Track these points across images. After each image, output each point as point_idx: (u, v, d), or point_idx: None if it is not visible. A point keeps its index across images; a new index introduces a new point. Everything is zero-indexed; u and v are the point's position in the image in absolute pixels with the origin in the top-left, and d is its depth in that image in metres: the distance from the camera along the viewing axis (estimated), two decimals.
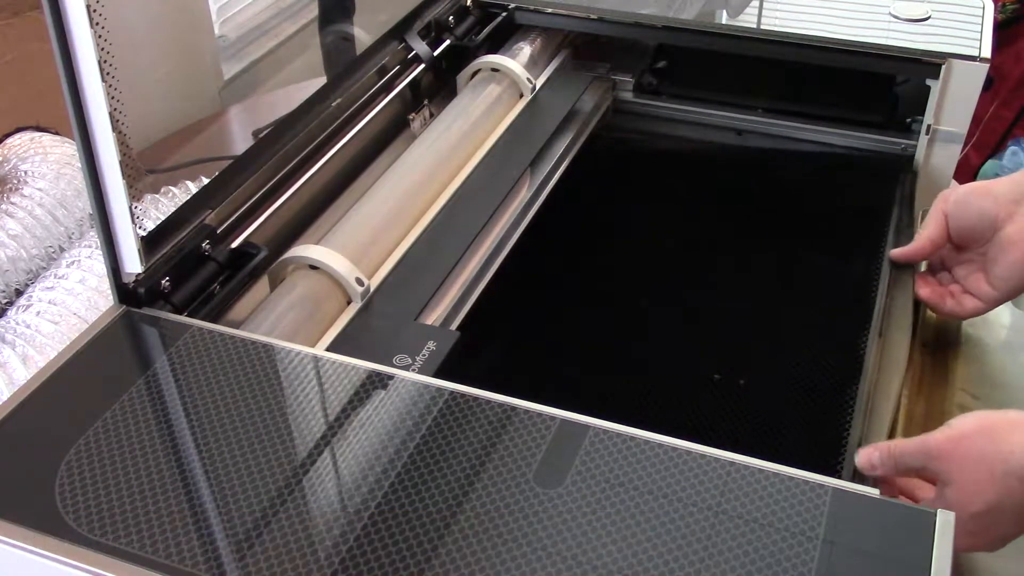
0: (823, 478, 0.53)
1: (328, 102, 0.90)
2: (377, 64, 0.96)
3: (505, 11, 1.08)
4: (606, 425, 0.57)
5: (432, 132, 0.93)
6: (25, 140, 1.07)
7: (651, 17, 1.04)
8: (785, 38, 0.98)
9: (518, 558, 0.50)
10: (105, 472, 0.55)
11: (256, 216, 0.79)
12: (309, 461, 0.56)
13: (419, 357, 0.69)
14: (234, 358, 0.62)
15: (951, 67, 0.93)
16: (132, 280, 0.67)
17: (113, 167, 0.62)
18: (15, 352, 0.82)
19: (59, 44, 0.59)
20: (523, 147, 0.96)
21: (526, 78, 1.02)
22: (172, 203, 0.89)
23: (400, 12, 1.01)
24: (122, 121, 0.62)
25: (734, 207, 1.01)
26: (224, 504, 0.53)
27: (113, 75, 0.60)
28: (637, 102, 1.12)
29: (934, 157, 0.98)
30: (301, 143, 0.86)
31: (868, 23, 1.00)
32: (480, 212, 0.87)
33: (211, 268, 0.72)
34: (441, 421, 0.58)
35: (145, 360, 0.64)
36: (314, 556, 0.50)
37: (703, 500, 0.52)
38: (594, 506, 0.52)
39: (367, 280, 0.77)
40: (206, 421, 0.58)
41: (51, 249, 0.98)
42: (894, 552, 0.49)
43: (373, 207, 0.83)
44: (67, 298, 0.87)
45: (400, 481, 0.54)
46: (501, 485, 0.54)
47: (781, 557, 0.49)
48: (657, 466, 0.54)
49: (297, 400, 0.60)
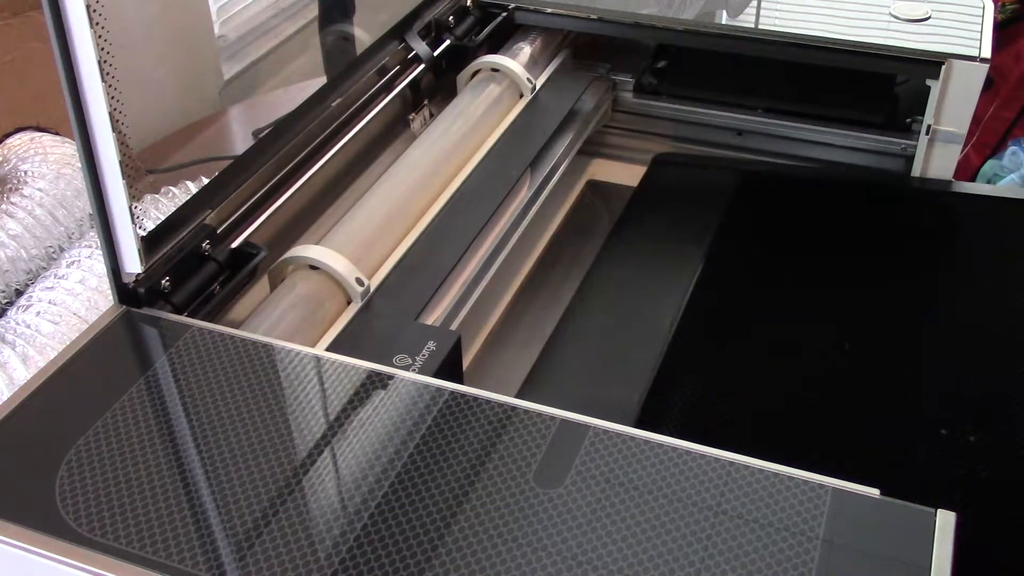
0: (823, 478, 0.53)
1: (328, 102, 0.89)
2: (377, 64, 0.96)
3: (505, 11, 1.08)
4: (606, 425, 0.57)
5: (432, 132, 0.93)
6: (25, 140, 1.07)
7: (651, 17, 1.04)
8: (785, 38, 0.98)
9: (518, 558, 0.50)
10: (105, 472, 0.55)
11: (256, 216, 0.79)
12: (309, 461, 0.56)
13: (419, 357, 0.68)
14: (234, 358, 0.62)
15: (951, 67, 0.93)
16: (132, 280, 0.67)
17: (113, 167, 0.62)
18: (15, 352, 0.82)
19: (59, 44, 0.59)
20: (523, 147, 0.96)
21: (526, 78, 1.02)
22: (172, 203, 0.89)
23: (400, 12, 1.01)
24: (122, 121, 0.62)
25: None
26: (224, 504, 0.53)
27: (113, 75, 0.60)
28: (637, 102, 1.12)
29: (934, 157, 0.98)
30: (301, 143, 0.86)
31: (868, 23, 1.00)
32: (480, 212, 0.87)
33: (211, 268, 0.72)
34: (441, 421, 0.58)
35: (145, 360, 0.64)
36: (314, 556, 0.50)
37: (703, 500, 0.52)
38: (594, 506, 0.52)
39: (367, 280, 0.76)
40: (206, 421, 0.58)
41: (51, 249, 0.98)
42: (894, 552, 0.49)
43: (373, 207, 0.83)
44: (67, 298, 0.87)
45: (400, 481, 0.54)
46: (501, 485, 0.54)
47: (781, 557, 0.49)
48: (657, 466, 0.54)
49: (297, 400, 0.60)
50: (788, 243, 0.95)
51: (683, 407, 0.76)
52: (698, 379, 0.79)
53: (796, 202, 1.01)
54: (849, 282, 0.89)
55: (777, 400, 0.78)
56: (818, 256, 0.93)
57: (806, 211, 0.99)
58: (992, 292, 0.88)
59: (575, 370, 0.81)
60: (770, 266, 0.92)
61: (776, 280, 0.91)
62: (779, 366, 0.81)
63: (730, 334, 0.84)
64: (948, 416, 0.75)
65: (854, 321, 0.85)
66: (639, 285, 0.90)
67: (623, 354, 0.82)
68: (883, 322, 0.85)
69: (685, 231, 0.96)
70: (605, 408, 0.74)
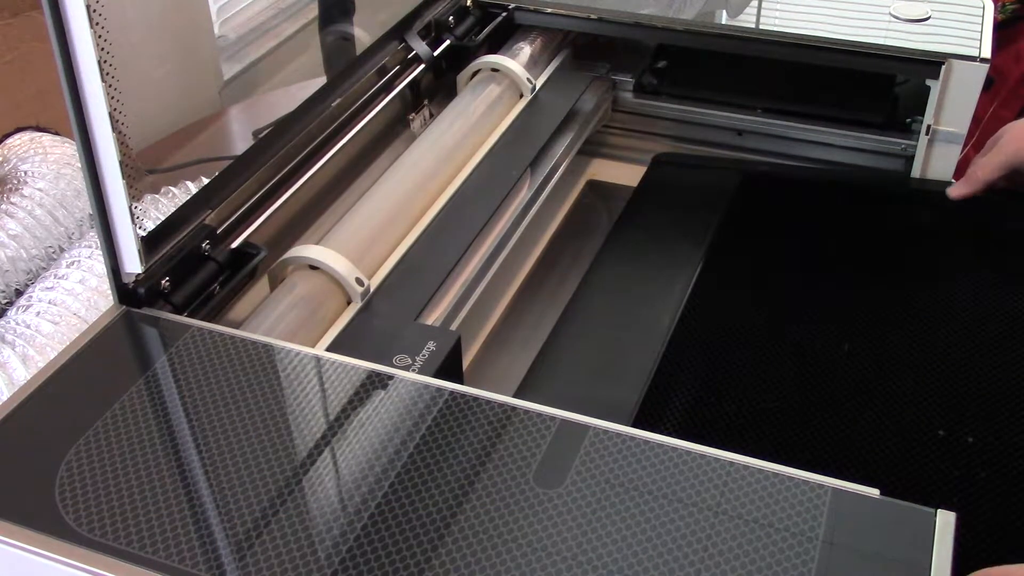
0: (823, 478, 0.53)
1: (328, 102, 0.89)
2: (377, 64, 0.96)
3: (505, 11, 1.08)
4: (606, 425, 0.57)
5: (432, 132, 0.93)
6: (25, 140, 1.07)
7: (651, 17, 1.04)
8: (785, 38, 0.98)
9: (518, 558, 0.50)
10: (105, 472, 0.55)
11: (256, 216, 0.79)
12: (309, 461, 0.56)
13: (419, 357, 0.68)
14: (234, 358, 0.62)
15: (951, 67, 0.93)
16: (132, 280, 0.67)
17: (113, 167, 0.62)
18: (15, 352, 0.81)
19: (59, 44, 0.59)
20: (523, 147, 0.96)
21: (526, 78, 1.02)
22: (172, 203, 0.89)
23: (400, 12, 1.01)
24: (122, 121, 0.62)
25: None
26: (224, 504, 0.53)
27: (113, 75, 0.60)
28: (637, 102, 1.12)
29: (934, 157, 0.98)
30: (301, 143, 0.86)
31: (868, 23, 1.00)
32: (480, 212, 0.87)
33: (211, 268, 0.72)
34: (441, 421, 0.58)
35: (145, 360, 0.64)
36: (314, 556, 0.50)
37: (703, 500, 0.52)
38: (594, 506, 0.52)
39: (367, 280, 0.77)
40: (206, 421, 0.58)
41: (51, 249, 0.98)
42: (894, 552, 0.49)
43: (373, 207, 0.83)
44: (67, 298, 0.87)
45: (400, 481, 0.54)
46: (501, 485, 0.54)
47: (781, 557, 0.49)
48: (657, 466, 0.54)
49: (297, 400, 0.60)
50: (788, 242, 0.95)
51: (682, 407, 0.76)
52: (697, 379, 0.79)
53: (797, 201, 1.01)
54: (849, 282, 0.89)
55: (775, 400, 0.78)
56: (818, 256, 0.93)
57: (807, 210, 0.99)
58: (992, 293, 0.88)
59: (573, 370, 0.81)
60: (770, 266, 0.92)
61: (776, 280, 0.91)
62: (778, 366, 0.81)
63: (730, 334, 0.84)
64: (948, 416, 0.75)
65: (854, 321, 0.85)
66: (638, 285, 0.90)
67: (622, 354, 0.82)
68: (882, 323, 0.85)
69: (685, 231, 0.95)
70: (604, 408, 0.74)
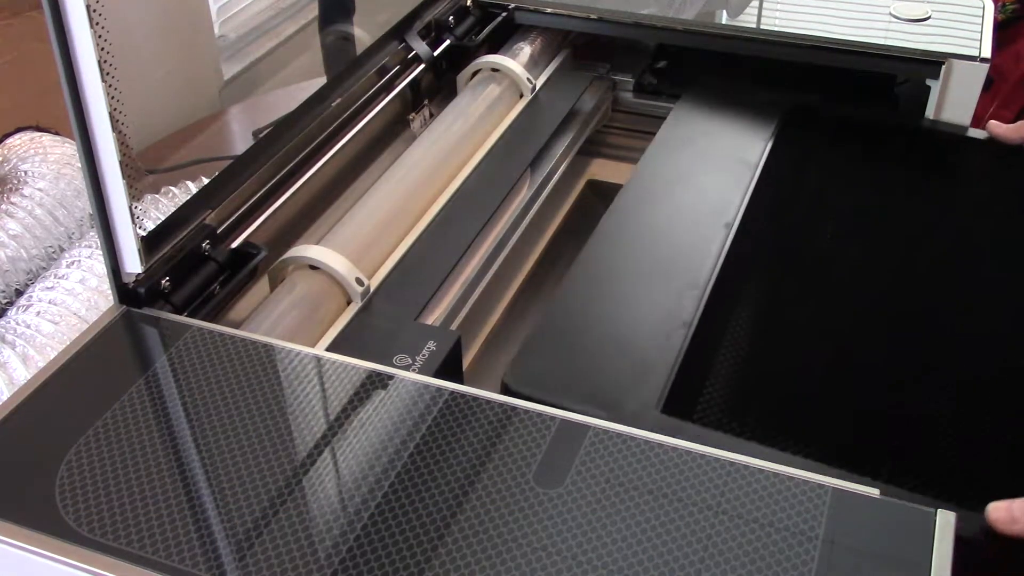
0: (823, 478, 0.53)
1: (328, 102, 0.90)
2: (377, 64, 0.96)
3: (505, 11, 1.08)
4: (606, 425, 0.57)
5: (432, 132, 0.93)
6: (25, 140, 1.07)
7: (651, 17, 1.04)
8: (785, 38, 0.98)
9: (518, 558, 0.50)
10: (105, 472, 0.55)
11: (256, 216, 0.79)
12: (309, 461, 0.56)
13: (419, 357, 0.68)
14: (234, 358, 0.62)
15: (951, 67, 0.93)
16: (132, 280, 0.67)
17: (113, 167, 0.62)
18: (15, 352, 0.81)
19: (59, 44, 0.59)
20: (523, 147, 0.96)
21: (526, 78, 1.02)
22: (172, 203, 0.89)
23: (400, 12, 1.01)
24: (122, 121, 0.62)
25: None
26: (224, 504, 0.53)
27: (113, 75, 0.60)
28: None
29: None
30: (301, 143, 0.86)
31: (868, 23, 1.00)
32: (480, 212, 0.87)
33: (211, 268, 0.72)
34: (441, 421, 0.58)
35: (145, 360, 0.64)
36: (314, 556, 0.50)
37: (703, 500, 0.52)
38: (594, 506, 0.52)
39: (367, 280, 0.76)
40: (206, 421, 0.58)
41: (51, 249, 0.98)
42: (894, 552, 0.49)
43: (373, 207, 0.83)
44: (67, 298, 0.87)
45: (400, 481, 0.54)
46: (501, 485, 0.54)
47: (781, 557, 0.49)
48: (657, 466, 0.54)
49: (297, 400, 0.60)
50: (788, 241, 0.95)
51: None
52: (695, 375, 0.79)
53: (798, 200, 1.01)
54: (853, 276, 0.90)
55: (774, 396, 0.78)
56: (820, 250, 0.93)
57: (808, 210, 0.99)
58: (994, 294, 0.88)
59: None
60: (769, 265, 0.92)
61: (776, 280, 0.91)
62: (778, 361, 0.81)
63: (731, 324, 0.84)
64: (946, 416, 0.76)
65: (854, 322, 0.85)
66: None
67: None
68: (884, 320, 0.85)
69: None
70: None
